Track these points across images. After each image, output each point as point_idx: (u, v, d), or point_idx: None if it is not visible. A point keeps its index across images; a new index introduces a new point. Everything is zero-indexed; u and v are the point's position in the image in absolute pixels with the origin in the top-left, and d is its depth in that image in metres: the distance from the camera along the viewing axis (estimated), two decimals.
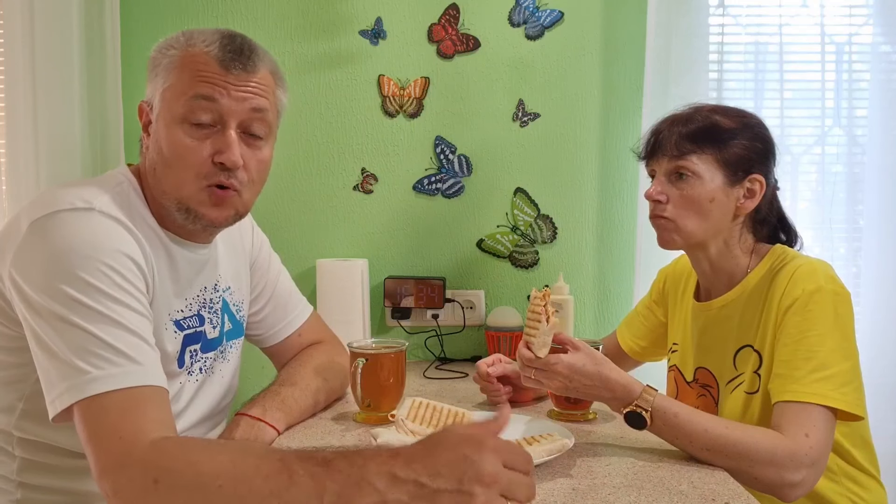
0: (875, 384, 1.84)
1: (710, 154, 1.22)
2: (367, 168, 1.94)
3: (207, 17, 1.90)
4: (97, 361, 0.88)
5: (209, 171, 1.03)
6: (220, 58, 1.03)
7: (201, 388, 1.18)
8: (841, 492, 1.21)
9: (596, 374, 1.12)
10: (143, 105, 1.10)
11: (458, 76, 1.92)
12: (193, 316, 1.14)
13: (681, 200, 1.23)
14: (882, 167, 1.87)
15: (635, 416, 1.10)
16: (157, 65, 1.06)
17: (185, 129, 1.03)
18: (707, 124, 1.23)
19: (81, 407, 0.87)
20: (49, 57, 1.72)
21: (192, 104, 1.02)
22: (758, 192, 1.23)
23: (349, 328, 1.76)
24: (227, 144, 1.03)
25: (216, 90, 1.02)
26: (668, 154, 1.24)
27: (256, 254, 1.34)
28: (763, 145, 1.25)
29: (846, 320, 1.15)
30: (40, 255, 0.93)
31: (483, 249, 1.96)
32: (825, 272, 1.17)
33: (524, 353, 1.16)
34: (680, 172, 1.23)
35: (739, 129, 1.23)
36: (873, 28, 1.88)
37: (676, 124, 1.25)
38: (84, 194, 0.99)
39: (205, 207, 1.05)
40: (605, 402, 1.15)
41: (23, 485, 1.08)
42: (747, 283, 1.25)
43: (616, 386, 1.12)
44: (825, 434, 1.07)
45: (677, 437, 1.09)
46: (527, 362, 1.15)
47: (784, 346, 1.14)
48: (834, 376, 1.09)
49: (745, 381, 1.22)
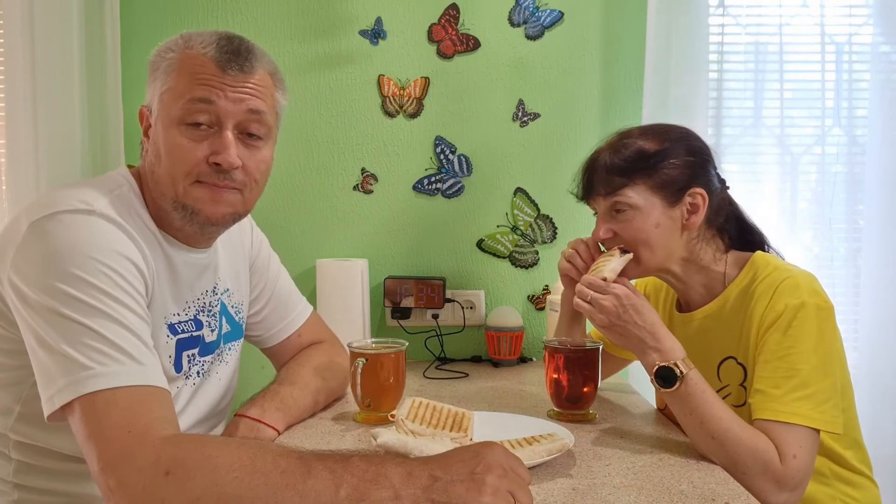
0: (875, 384, 1.85)
1: (642, 182, 1.20)
2: (367, 168, 1.94)
3: (207, 18, 1.90)
4: (98, 356, 0.87)
5: (204, 171, 1.04)
6: (216, 59, 1.03)
7: (198, 390, 1.18)
8: (833, 495, 1.20)
9: (651, 318, 1.13)
10: (143, 109, 1.10)
11: (458, 76, 1.92)
12: (189, 320, 1.14)
13: (626, 233, 1.22)
14: (882, 167, 1.87)
15: (669, 373, 1.10)
16: (156, 68, 1.06)
17: (182, 130, 1.03)
18: (631, 153, 1.21)
19: (84, 402, 0.85)
20: (49, 57, 1.72)
21: (190, 106, 1.02)
22: (701, 205, 1.21)
23: (349, 328, 1.76)
24: (223, 146, 1.03)
25: (213, 92, 1.02)
26: (601, 192, 1.23)
27: (256, 254, 1.34)
28: (696, 157, 1.22)
29: (829, 335, 1.14)
30: (39, 255, 0.93)
31: (483, 249, 1.96)
32: (809, 285, 1.15)
33: (588, 276, 1.17)
34: (617, 209, 1.22)
35: (667, 149, 1.20)
36: (873, 28, 1.89)
37: (604, 157, 1.23)
38: (84, 196, 0.98)
39: (201, 203, 1.05)
40: (642, 351, 1.14)
41: (19, 486, 1.08)
42: (728, 295, 1.23)
43: (664, 339, 1.12)
44: (810, 455, 1.07)
45: (692, 413, 1.08)
46: (589, 283, 1.16)
47: (766, 363, 1.13)
48: (813, 395, 1.08)
49: (732, 393, 1.21)
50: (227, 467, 0.79)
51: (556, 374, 1.29)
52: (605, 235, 1.24)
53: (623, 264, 1.19)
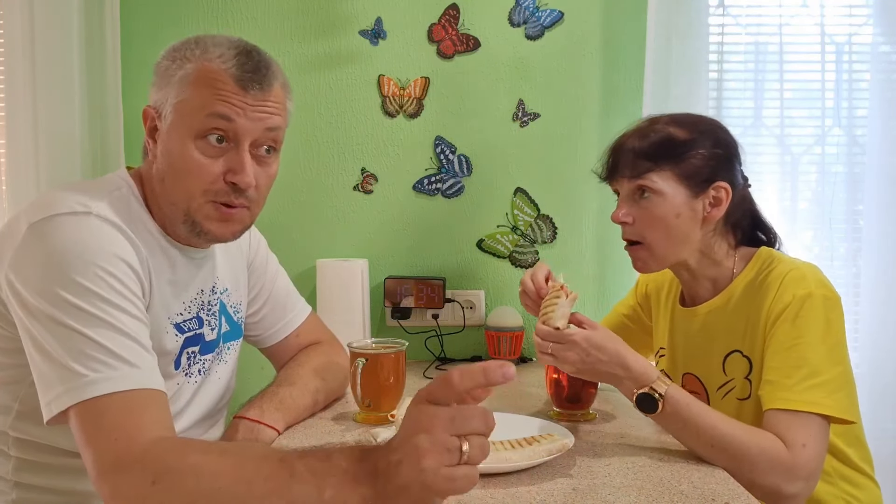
0: (875, 384, 1.85)
1: (669, 170, 1.19)
2: (367, 168, 1.94)
3: (207, 18, 1.90)
4: (94, 364, 0.88)
5: (219, 188, 1.04)
6: (237, 77, 1.02)
7: (199, 389, 1.18)
8: (836, 493, 1.21)
9: (614, 350, 1.11)
10: (149, 110, 1.08)
11: (458, 76, 1.92)
12: (193, 318, 1.14)
13: (646, 220, 1.21)
14: (882, 167, 1.87)
15: (648, 398, 1.09)
16: (170, 74, 1.04)
17: (198, 144, 1.02)
18: (661, 139, 1.20)
19: (79, 410, 0.87)
20: (49, 57, 1.72)
21: (208, 121, 1.01)
22: (724, 199, 1.21)
23: (349, 328, 1.76)
24: (241, 165, 1.03)
25: (233, 110, 1.02)
26: (626, 174, 1.22)
27: (254, 255, 1.34)
28: (724, 150, 1.22)
29: (837, 325, 1.14)
30: (38, 258, 0.93)
31: (483, 249, 1.96)
32: (815, 276, 1.16)
33: (542, 327, 1.15)
34: (642, 191, 1.21)
35: (696, 139, 1.20)
36: (873, 28, 1.88)
37: (632, 141, 1.23)
38: (82, 198, 0.99)
39: (210, 222, 1.05)
40: (618, 382, 1.13)
41: (19, 485, 1.08)
42: (734, 289, 1.23)
43: (633, 366, 1.10)
44: (821, 444, 1.07)
45: (685, 428, 1.08)
46: (544, 336, 1.15)
47: (775, 353, 1.13)
48: (826, 383, 1.08)
49: (737, 386, 1.21)
50: (212, 476, 0.79)
51: (557, 374, 1.29)
52: (623, 219, 1.23)
53: (571, 306, 1.17)
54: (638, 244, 1.24)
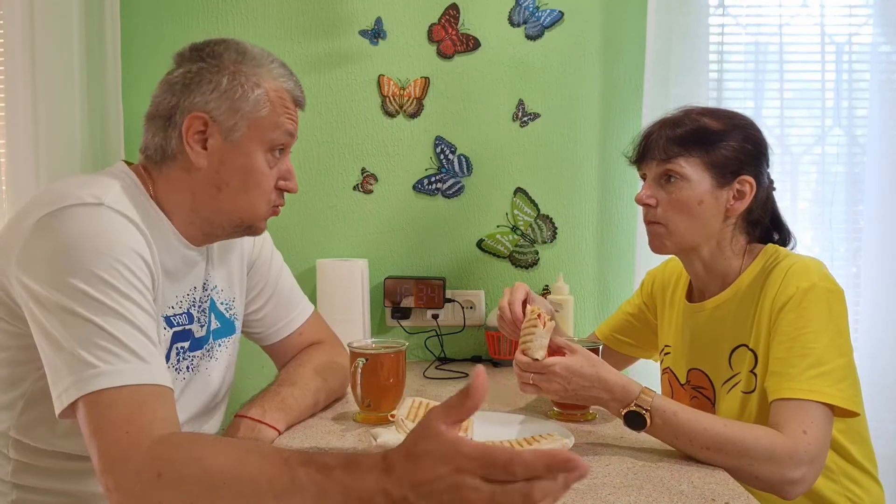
0: (875, 384, 1.85)
1: (698, 157, 1.22)
2: (367, 168, 1.94)
3: (207, 18, 1.90)
4: (104, 355, 0.88)
5: (276, 195, 1.14)
6: (295, 96, 1.14)
7: (188, 386, 1.18)
8: (839, 490, 1.21)
9: (594, 375, 1.12)
10: (201, 116, 1.06)
11: (458, 76, 1.92)
12: (183, 314, 1.14)
13: (670, 203, 1.24)
14: (882, 167, 1.87)
15: (635, 416, 1.10)
16: (240, 87, 1.07)
17: (267, 157, 1.11)
18: (695, 127, 1.24)
19: (87, 401, 0.86)
20: (49, 57, 1.72)
21: (282, 138, 1.11)
22: (748, 194, 1.23)
23: (349, 328, 1.76)
24: (290, 173, 1.15)
25: (295, 127, 1.14)
26: (656, 157, 1.25)
27: (258, 253, 1.34)
28: (753, 147, 1.25)
29: (840, 317, 1.15)
30: (48, 250, 0.93)
31: (483, 249, 1.96)
32: (818, 270, 1.18)
33: (521, 358, 1.16)
34: (668, 175, 1.24)
35: (728, 131, 1.23)
36: (873, 28, 1.89)
37: (665, 128, 1.26)
38: (93, 189, 0.98)
39: (261, 223, 1.16)
40: (604, 404, 1.14)
41: (17, 486, 1.08)
42: (740, 283, 1.25)
43: (614, 386, 1.12)
44: (823, 430, 1.07)
45: (677, 437, 1.09)
46: (524, 367, 1.16)
47: (779, 344, 1.14)
48: (830, 373, 1.10)
49: (742, 380, 1.22)
50: (217, 471, 0.79)
51: None
52: (647, 201, 1.26)
53: (549, 335, 1.18)
54: (658, 224, 1.26)
